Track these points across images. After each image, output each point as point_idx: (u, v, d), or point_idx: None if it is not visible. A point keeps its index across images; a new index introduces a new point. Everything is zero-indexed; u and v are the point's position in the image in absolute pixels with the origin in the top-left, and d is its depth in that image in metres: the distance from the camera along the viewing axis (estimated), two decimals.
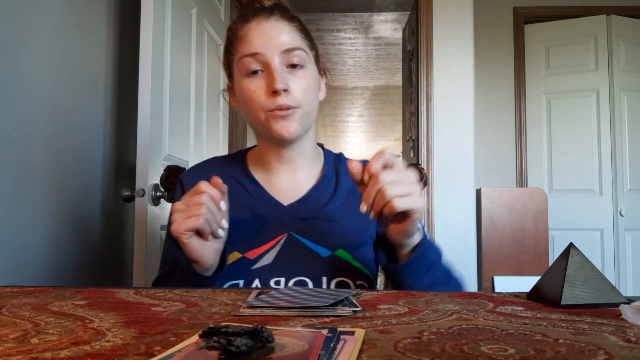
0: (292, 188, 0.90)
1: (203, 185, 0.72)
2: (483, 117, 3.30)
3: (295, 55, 0.83)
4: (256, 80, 0.83)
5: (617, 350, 0.34)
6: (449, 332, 0.39)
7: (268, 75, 0.82)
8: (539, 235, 2.51)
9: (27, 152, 1.37)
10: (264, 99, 0.82)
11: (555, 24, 3.35)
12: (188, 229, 0.70)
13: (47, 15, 1.46)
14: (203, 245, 0.72)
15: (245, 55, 0.83)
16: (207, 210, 0.70)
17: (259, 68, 0.82)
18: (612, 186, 3.17)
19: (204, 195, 0.71)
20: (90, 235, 1.71)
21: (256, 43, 0.82)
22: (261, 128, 0.85)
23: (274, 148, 0.90)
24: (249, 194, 0.89)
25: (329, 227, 0.87)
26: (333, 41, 5.38)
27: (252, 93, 0.83)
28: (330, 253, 0.85)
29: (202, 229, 0.70)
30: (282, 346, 0.34)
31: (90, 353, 0.33)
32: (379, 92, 7.38)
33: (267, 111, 0.82)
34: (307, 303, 0.49)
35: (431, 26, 2.59)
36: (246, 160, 0.96)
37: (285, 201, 0.89)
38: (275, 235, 0.85)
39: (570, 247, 0.53)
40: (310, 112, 0.86)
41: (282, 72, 0.81)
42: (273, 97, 0.81)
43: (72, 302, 0.54)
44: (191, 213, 0.70)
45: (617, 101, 3.20)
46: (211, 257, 0.74)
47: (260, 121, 0.84)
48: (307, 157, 0.92)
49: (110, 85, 1.84)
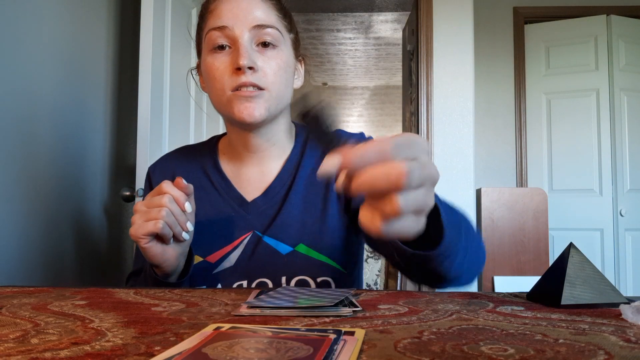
0: (259, 180, 0.84)
1: (165, 185, 0.67)
2: (483, 117, 3.30)
3: (266, 33, 0.76)
4: (222, 56, 0.76)
5: (617, 350, 0.34)
6: (449, 332, 0.39)
7: (234, 52, 0.75)
8: (539, 235, 2.51)
9: (27, 152, 1.37)
10: (228, 77, 0.75)
11: (555, 24, 3.35)
12: (146, 233, 0.65)
13: (47, 16, 1.46)
14: (164, 250, 0.68)
15: (212, 28, 0.76)
16: (168, 213, 0.65)
17: (225, 43, 0.76)
18: (612, 186, 3.17)
19: (166, 197, 0.66)
20: (91, 235, 1.71)
21: (225, 16, 0.75)
22: (224, 110, 0.78)
23: (240, 135, 0.82)
24: (215, 189, 0.84)
25: (288, 220, 0.80)
26: (333, 41, 5.38)
27: (216, 70, 0.76)
28: (291, 249, 0.79)
29: (162, 233, 0.65)
30: (285, 350, 0.34)
31: (90, 353, 0.33)
32: (379, 92, 7.38)
33: (230, 90, 0.75)
34: (308, 303, 0.49)
35: (431, 26, 2.59)
36: (217, 150, 0.89)
37: (250, 196, 0.82)
38: (239, 235, 0.80)
39: (570, 247, 0.53)
40: (279, 97, 0.78)
41: (249, 48, 0.75)
42: (237, 74, 0.74)
43: (72, 302, 0.54)
44: (151, 216, 0.65)
45: (617, 101, 3.20)
46: (173, 262, 0.70)
47: (222, 102, 0.76)
48: (278, 145, 0.85)
49: (110, 85, 1.83)
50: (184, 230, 0.68)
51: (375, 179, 0.38)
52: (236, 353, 0.32)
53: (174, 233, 0.67)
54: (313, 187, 0.82)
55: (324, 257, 0.79)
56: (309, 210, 0.81)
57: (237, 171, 0.85)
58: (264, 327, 0.40)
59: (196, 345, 0.34)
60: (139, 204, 0.68)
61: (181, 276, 0.75)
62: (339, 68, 6.39)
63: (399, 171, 0.37)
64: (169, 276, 0.72)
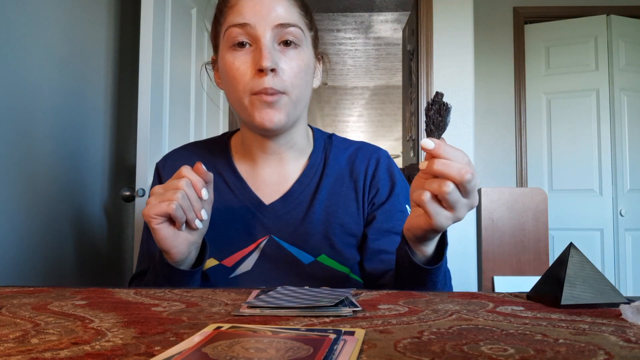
0: (276, 182, 0.81)
1: (184, 169, 0.66)
2: (483, 117, 3.30)
3: (289, 32, 0.74)
4: (242, 54, 0.74)
5: (617, 350, 0.34)
6: (449, 332, 0.39)
7: (256, 51, 0.73)
8: (539, 235, 2.51)
9: (27, 152, 1.37)
10: (249, 78, 0.73)
11: (555, 24, 3.35)
12: (159, 214, 0.64)
13: (47, 16, 1.46)
14: (175, 235, 0.66)
15: (233, 25, 0.74)
16: (184, 196, 0.64)
17: (246, 41, 0.73)
18: (612, 186, 3.17)
19: (183, 180, 0.65)
20: (91, 235, 1.71)
21: (247, 13, 0.73)
22: (243, 113, 0.76)
23: (257, 138, 0.80)
24: (230, 190, 0.81)
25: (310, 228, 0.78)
26: (333, 41, 5.38)
27: (237, 70, 0.73)
28: (312, 259, 0.77)
29: (174, 215, 0.63)
30: (285, 350, 0.34)
31: (90, 353, 0.33)
32: (379, 92, 7.38)
33: (251, 94, 0.73)
34: (308, 303, 0.49)
35: (431, 26, 2.59)
36: (230, 148, 0.86)
37: (268, 199, 0.80)
38: (256, 238, 0.78)
39: (570, 247, 0.53)
40: (299, 100, 0.76)
41: (272, 48, 0.72)
42: (259, 76, 0.72)
43: (72, 302, 0.54)
44: (165, 197, 0.64)
45: (617, 101, 3.20)
46: (183, 250, 0.67)
47: (242, 104, 0.75)
48: (295, 147, 0.82)
49: (110, 85, 1.84)
50: (198, 217, 0.66)
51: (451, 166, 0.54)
52: (236, 353, 0.32)
53: (187, 219, 0.65)
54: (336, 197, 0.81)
55: (345, 269, 0.78)
56: (331, 221, 0.79)
57: (252, 172, 0.83)
58: (264, 327, 0.40)
59: (196, 345, 0.34)
60: (157, 187, 0.67)
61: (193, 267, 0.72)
62: (339, 68, 6.39)
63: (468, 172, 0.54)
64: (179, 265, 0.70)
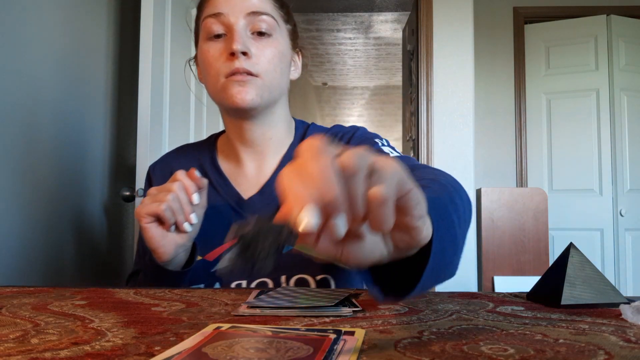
0: (256, 177, 0.84)
1: (179, 174, 0.70)
2: (483, 117, 3.30)
3: (262, 20, 0.77)
4: (217, 44, 0.77)
5: (617, 350, 0.34)
6: (449, 332, 0.39)
7: (229, 38, 0.76)
8: (539, 235, 2.51)
9: (27, 152, 1.37)
10: (221, 63, 0.76)
11: (555, 24, 3.35)
12: (148, 213, 0.67)
13: (47, 16, 1.46)
14: (163, 235, 0.69)
15: (208, 15, 0.78)
16: (174, 198, 0.68)
17: (221, 31, 0.77)
18: (612, 186, 3.17)
19: (176, 183, 0.69)
20: (90, 235, 1.71)
21: (221, 4, 0.77)
22: (218, 97, 0.79)
23: (236, 125, 0.83)
24: (213, 188, 0.84)
25: None
26: (333, 41, 5.38)
27: (211, 57, 0.77)
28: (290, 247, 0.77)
29: (163, 216, 0.67)
30: (285, 350, 0.34)
31: (90, 353, 0.33)
32: (379, 92, 7.38)
33: (224, 76, 0.76)
34: (308, 303, 0.49)
35: (431, 26, 2.59)
36: (215, 147, 0.90)
37: (247, 193, 0.83)
38: None
39: (570, 247, 0.53)
40: (273, 85, 0.78)
41: (243, 35, 0.76)
42: (231, 59, 0.75)
43: (72, 302, 0.54)
44: (157, 198, 0.68)
45: (617, 101, 3.20)
46: (170, 250, 0.70)
47: (216, 88, 0.78)
48: (275, 140, 0.85)
49: (110, 85, 1.84)
50: (186, 220, 0.69)
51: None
52: (236, 353, 0.32)
53: (177, 221, 0.69)
54: None
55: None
56: None
57: (235, 168, 0.86)
58: (264, 327, 0.40)
59: (196, 344, 0.34)
60: (152, 188, 0.71)
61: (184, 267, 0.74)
62: (339, 68, 6.39)
63: None
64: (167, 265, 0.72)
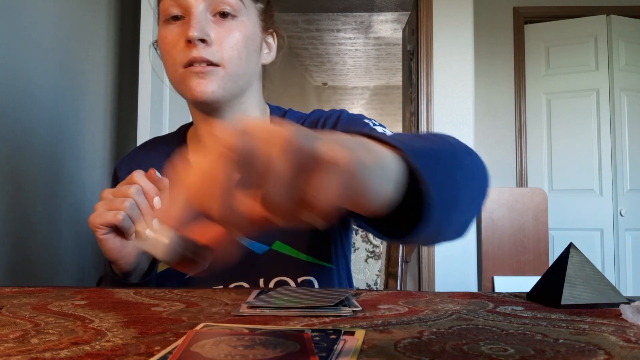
0: None
1: (135, 175, 0.61)
2: (483, 117, 3.30)
3: (224, 1, 0.68)
4: (175, 27, 0.69)
5: (617, 350, 0.34)
6: (449, 332, 0.39)
7: (187, 22, 0.68)
8: (539, 235, 2.51)
9: (27, 152, 1.37)
10: (179, 51, 0.68)
11: (555, 24, 3.35)
12: (104, 224, 0.59)
13: (47, 16, 1.46)
14: (122, 245, 0.62)
15: None
16: (132, 205, 0.59)
17: (179, 13, 0.69)
18: (612, 186, 3.17)
19: (133, 187, 0.60)
20: (91, 236, 1.71)
21: None
22: (177, 87, 0.71)
23: (203, 119, 0.75)
24: None
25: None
26: (333, 41, 5.38)
27: (168, 43, 0.69)
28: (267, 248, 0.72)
29: (121, 226, 0.59)
30: (274, 346, 0.34)
31: (90, 353, 0.33)
32: (379, 92, 7.39)
33: (182, 66, 0.68)
34: (308, 303, 0.49)
35: (431, 26, 2.59)
36: (185, 139, 0.83)
37: None
38: None
39: (570, 247, 0.53)
40: (237, 74, 0.70)
41: (203, 18, 0.67)
42: (188, 47, 0.67)
43: (72, 302, 0.54)
44: (113, 205, 0.59)
45: (617, 101, 3.20)
46: (130, 261, 0.63)
47: (175, 78, 0.70)
48: None
49: (110, 85, 1.84)
50: (148, 228, 0.60)
51: None
52: (226, 350, 0.32)
53: (137, 230, 0.61)
54: None
55: (303, 255, 0.74)
56: None
57: None
58: (261, 327, 0.40)
59: (182, 344, 0.34)
60: (106, 191, 0.63)
61: (144, 275, 0.68)
62: (339, 68, 6.39)
63: None
64: (128, 275, 0.66)
